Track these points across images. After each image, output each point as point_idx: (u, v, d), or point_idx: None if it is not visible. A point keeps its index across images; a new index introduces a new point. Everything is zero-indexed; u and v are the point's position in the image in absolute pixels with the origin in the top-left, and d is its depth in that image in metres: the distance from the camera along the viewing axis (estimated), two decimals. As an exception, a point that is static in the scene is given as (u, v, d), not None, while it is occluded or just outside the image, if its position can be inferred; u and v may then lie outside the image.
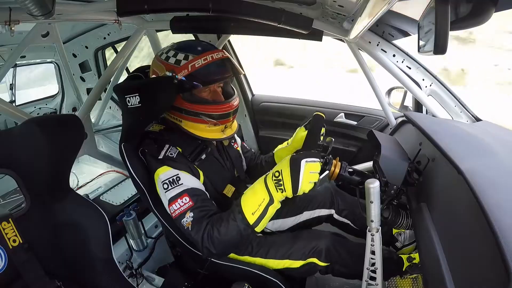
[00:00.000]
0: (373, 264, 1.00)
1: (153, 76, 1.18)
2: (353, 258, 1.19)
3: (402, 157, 1.08)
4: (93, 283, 1.00)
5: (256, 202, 0.98)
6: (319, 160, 0.96)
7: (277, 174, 0.96)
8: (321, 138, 1.28)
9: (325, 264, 1.20)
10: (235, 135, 1.34)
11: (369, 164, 1.73)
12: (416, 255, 1.19)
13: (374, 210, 0.92)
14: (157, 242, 1.82)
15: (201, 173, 1.17)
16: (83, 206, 1.02)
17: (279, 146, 1.46)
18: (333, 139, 1.25)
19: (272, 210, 0.99)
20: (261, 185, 0.99)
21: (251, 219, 0.99)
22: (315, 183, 0.97)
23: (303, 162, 0.93)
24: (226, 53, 1.18)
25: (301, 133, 1.34)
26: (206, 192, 1.13)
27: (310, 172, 0.93)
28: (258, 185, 1.01)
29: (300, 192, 0.94)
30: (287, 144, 1.42)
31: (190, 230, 1.02)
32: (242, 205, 1.00)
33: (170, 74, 1.10)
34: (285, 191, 0.96)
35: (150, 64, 1.24)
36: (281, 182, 0.95)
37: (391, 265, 1.14)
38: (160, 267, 1.74)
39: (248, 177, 1.54)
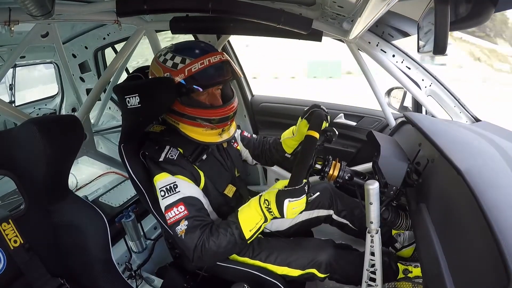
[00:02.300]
0: (372, 265, 1.00)
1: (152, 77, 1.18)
2: (354, 269, 1.18)
3: (402, 158, 1.08)
4: (93, 284, 0.99)
5: (254, 221, 1.04)
6: (303, 197, 0.98)
7: (266, 203, 1.02)
8: (326, 124, 1.27)
9: (325, 275, 1.20)
10: (235, 134, 1.34)
11: (368, 165, 1.72)
12: (413, 269, 1.19)
13: (374, 211, 0.92)
14: (156, 243, 1.81)
15: (201, 174, 1.17)
16: (82, 207, 1.02)
17: (286, 134, 1.45)
18: (337, 133, 1.24)
19: (264, 225, 1.07)
20: (257, 207, 1.04)
21: (248, 235, 1.05)
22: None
23: (286, 202, 0.97)
24: (225, 55, 1.16)
25: (303, 128, 1.33)
26: (203, 200, 1.13)
27: (293, 208, 0.98)
28: (254, 206, 1.05)
29: (287, 218, 1.01)
30: (293, 134, 1.41)
31: (183, 237, 1.04)
32: (241, 223, 1.04)
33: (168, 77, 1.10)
34: (275, 215, 1.02)
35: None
36: (271, 210, 1.01)
37: (388, 272, 1.15)
38: (159, 268, 1.74)
39: (258, 162, 1.56)
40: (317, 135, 1.14)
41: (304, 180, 1.01)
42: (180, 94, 1.10)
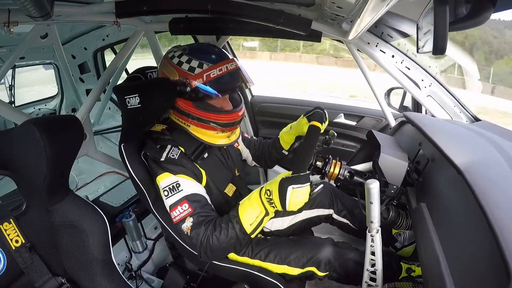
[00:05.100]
0: (373, 265, 1.00)
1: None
2: (354, 267, 1.19)
3: (402, 157, 1.08)
4: (92, 284, 0.99)
5: (254, 214, 1.02)
6: (307, 184, 0.95)
7: (268, 193, 1.00)
8: (325, 125, 1.26)
9: (324, 273, 1.21)
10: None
11: (368, 165, 1.73)
12: (416, 268, 1.19)
13: (374, 211, 0.92)
14: (157, 243, 1.81)
15: (203, 172, 1.17)
16: (83, 207, 1.02)
17: (284, 130, 1.46)
18: (336, 134, 1.25)
19: (267, 220, 1.04)
20: (258, 199, 1.03)
21: (249, 229, 1.03)
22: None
23: (289, 189, 0.94)
24: (236, 62, 1.18)
25: (303, 123, 1.33)
26: (206, 196, 1.13)
27: (297, 197, 0.95)
28: (255, 198, 1.04)
29: (289, 210, 0.97)
30: (290, 127, 1.42)
31: (189, 234, 1.05)
32: (240, 216, 1.03)
33: (184, 81, 1.10)
34: (276, 207, 1.00)
35: (149, 64, 1.24)
36: (272, 201, 0.99)
37: (389, 272, 1.14)
38: (160, 268, 1.74)
39: (258, 164, 1.57)
40: (320, 125, 1.16)
41: (308, 172, 1.00)
42: (196, 98, 1.12)
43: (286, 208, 0.96)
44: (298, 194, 0.94)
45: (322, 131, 1.24)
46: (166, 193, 1.08)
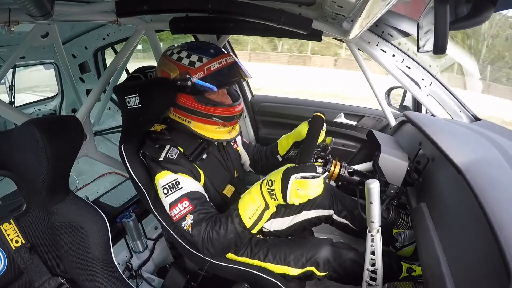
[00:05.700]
0: (373, 265, 1.00)
1: (163, 76, 1.18)
2: (353, 267, 1.19)
3: (402, 157, 1.08)
4: (93, 284, 0.99)
5: (253, 208, 0.99)
6: (312, 174, 0.91)
7: (270, 183, 0.96)
8: (322, 134, 1.28)
9: (323, 273, 1.20)
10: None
11: (368, 164, 1.73)
12: (417, 268, 1.18)
13: (374, 211, 0.92)
14: (157, 243, 1.82)
15: (201, 173, 1.17)
16: (83, 207, 1.02)
17: (283, 136, 1.47)
18: (333, 139, 1.26)
19: (267, 215, 1.01)
20: (258, 192, 1.00)
21: (248, 223, 1.00)
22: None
23: (292, 177, 0.90)
24: (234, 57, 1.20)
25: (303, 128, 1.34)
26: (205, 194, 1.13)
27: (298, 189, 0.90)
28: (255, 191, 1.01)
29: (290, 203, 0.94)
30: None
31: (190, 232, 1.04)
32: (240, 210, 1.02)
33: (185, 76, 1.12)
34: (277, 200, 0.96)
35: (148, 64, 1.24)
36: (273, 192, 0.95)
37: (389, 272, 1.13)
38: (160, 268, 1.74)
39: (253, 170, 1.57)
40: (322, 116, 1.22)
41: (318, 163, 0.99)
42: (197, 92, 1.13)
43: (287, 200, 0.92)
44: (300, 186, 0.91)
45: (321, 139, 1.25)
46: (165, 191, 1.08)
